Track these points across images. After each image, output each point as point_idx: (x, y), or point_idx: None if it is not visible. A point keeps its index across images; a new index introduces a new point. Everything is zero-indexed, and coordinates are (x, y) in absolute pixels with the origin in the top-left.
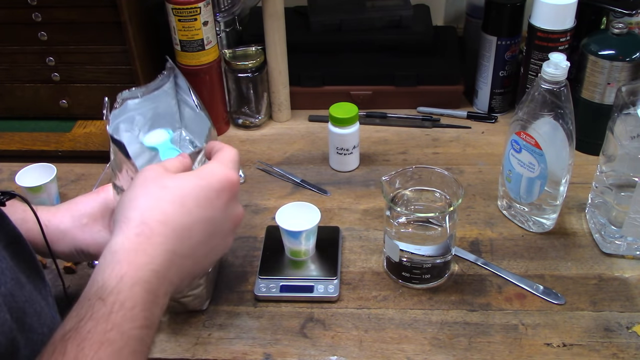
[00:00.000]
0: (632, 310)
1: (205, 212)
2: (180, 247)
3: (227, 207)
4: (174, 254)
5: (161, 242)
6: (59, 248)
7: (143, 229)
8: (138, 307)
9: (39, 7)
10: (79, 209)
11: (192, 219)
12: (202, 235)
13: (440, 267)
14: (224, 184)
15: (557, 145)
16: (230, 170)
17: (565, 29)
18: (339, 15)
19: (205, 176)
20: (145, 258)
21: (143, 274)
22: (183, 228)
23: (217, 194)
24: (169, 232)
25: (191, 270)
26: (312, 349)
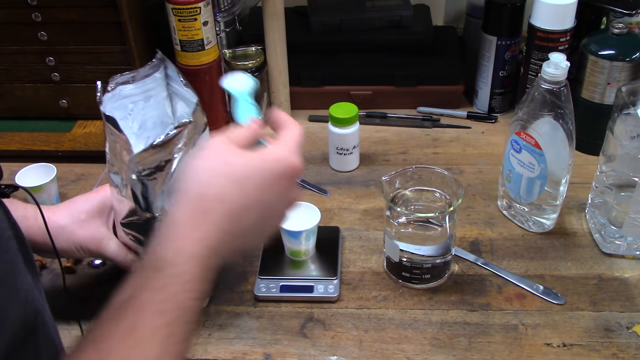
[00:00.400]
0: (632, 310)
1: (263, 196)
2: (234, 226)
3: (285, 191)
4: (227, 233)
5: (216, 220)
6: (58, 244)
7: (200, 205)
8: (192, 280)
9: (39, 7)
10: (77, 206)
11: (249, 201)
12: (256, 217)
13: (440, 267)
14: (287, 169)
15: (557, 145)
16: (294, 156)
17: (565, 29)
18: (339, 15)
19: (270, 160)
20: (200, 234)
21: (198, 249)
22: (240, 208)
23: (278, 180)
24: (225, 211)
25: (241, 248)
26: (312, 349)
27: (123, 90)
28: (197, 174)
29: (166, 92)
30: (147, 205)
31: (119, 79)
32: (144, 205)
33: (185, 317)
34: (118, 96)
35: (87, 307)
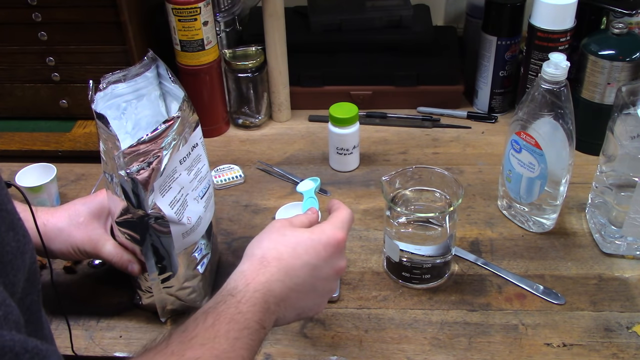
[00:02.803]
0: (632, 310)
1: (311, 259)
2: (288, 280)
3: (330, 258)
4: (283, 283)
5: (274, 272)
6: (56, 246)
7: (263, 261)
8: (257, 306)
9: (39, 7)
10: (76, 208)
11: (300, 262)
12: (306, 276)
13: (440, 267)
14: (331, 240)
15: (557, 145)
16: (339, 231)
17: (565, 29)
18: (339, 15)
19: (317, 232)
20: (263, 278)
21: (261, 287)
22: (292, 267)
23: (323, 247)
24: (281, 267)
25: (295, 303)
26: (312, 349)
27: (115, 90)
28: (261, 243)
29: (159, 91)
30: (138, 202)
31: (111, 77)
32: (135, 202)
33: (249, 330)
34: (110, 95)
35: (87, 307)
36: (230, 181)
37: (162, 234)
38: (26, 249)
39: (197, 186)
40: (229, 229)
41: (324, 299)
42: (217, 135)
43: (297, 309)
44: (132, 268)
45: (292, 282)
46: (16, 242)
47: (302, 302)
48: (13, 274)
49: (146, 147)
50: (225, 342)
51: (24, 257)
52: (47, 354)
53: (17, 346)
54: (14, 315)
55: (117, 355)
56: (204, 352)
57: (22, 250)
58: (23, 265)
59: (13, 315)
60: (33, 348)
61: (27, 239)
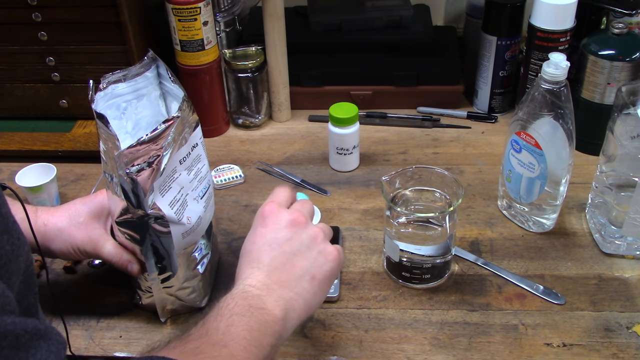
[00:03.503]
0: (632, 310)
1: (259, 227)
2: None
3: (272, 223)
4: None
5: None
6: (57, 246)
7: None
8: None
9: (39, 7)
10: (76, 208)
11: (256, 233)
12: (267, 243)
13: (440, 267)
14: (262, 211)
15: (557, 145)
16: (267, 203)
17: (565, 29)
18: (339, 15)
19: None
20: (245, 274)
21: (245, 280)
22: (256, 240)
23: (260, 218)
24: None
25: (292, 266)
26: (312, 349)
27: (115, 89)
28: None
29: (159, 91)
30: (138, 202)
31: (111, 77)
32: (135, 202)
33: (261, 328)
34: (110, 95)
35: (87, 307)
36: (230, 181)
37: (162, 234)
38: (21, 251)
39: (197, 186)
40: (229, 229)
41: (315, 255)
42: (217, 135)
43: (297, 278)
44: (132, 268)
45: (267, 256)
46: (11, 245)
47: (297, 262)
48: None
49: (146, 147)
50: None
51: (18, 260)
52: (46, 332)
53: (17, 328)
54: (11, 306)
55: (117, 355)
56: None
57: (16, 254)
58: (18, 268)
59: (10, 306)
60: (33, 328)
61: (22, 242)
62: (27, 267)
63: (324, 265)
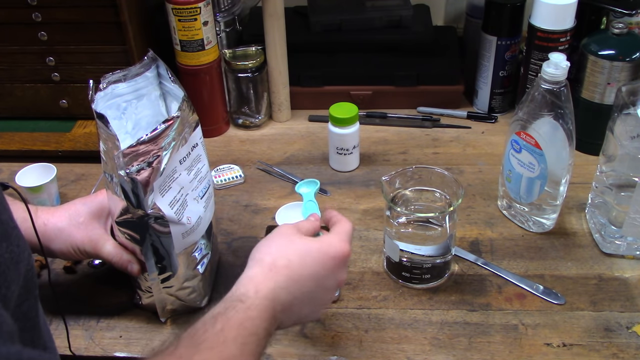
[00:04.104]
0: (632, 310)
1: (318, 270)
2: (294, 288)
3: (335, 270)
4: (290, 293)
5: (283, 280)
6: (57, 246)
7: (272, 268)
8: (265, 313)
9: (39, 7)
10: (76, 208)
11: (307, 271)
12: (311, 285)
13: (440, 267)
14: (338, 254)
15: (557, 145)
16: (345, 244)
17: (565, 29)
18: (339, 15)
19: (325, 244)
20: (272, 284)
21: (270, 294)
22: (300, 276)
23: (330, 260)
24: (289, 275)
25: (298, 310)
26: (312, 349)
27: (115, 89)
28: (269, 247)
29: (159, 91)
30: (138, 202)
31: (111, 77)
32: (135, 202)
33: (256, 338)
34: (110, 95)
35: (87, 307)
36: (230, 181)
37: (161, 234)
38: (21, 258)
39: (197, 186)
40: (229, 229)
41: (322, 307)
42: (217, 135)
43: (297, 316)
44: (132, 268)
45: (298, 290)
46: (9, 253)
47: (303, 310)
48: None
49: (146, 147)
50: (233, 347)
51: (18, 267)
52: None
53: (12, 358)
54: (7, 326)
55: (117, 355)
56: (212, 356)
57: (16, 260)
58: (17, 275)
59: (6, 326)
60: (28, 359)
61: (22, 248)
62: (28, 272)
63: (326, 304)
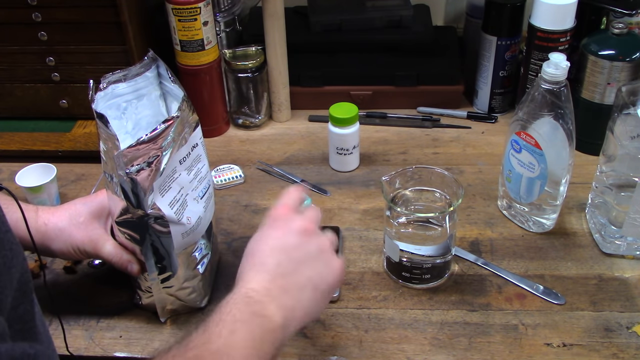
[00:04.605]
0: (632, 310)
1: (268, 231)
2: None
3: (281, 227)
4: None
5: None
6: (57, 246)
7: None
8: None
9: (39, 7)
10: (76, 208)
11: (264, 240)
12: (274, 243)
13: (440, 267)
14: (272, 215)
15: (557, 145)
16: (278, 207)
17: (565, 29)
18: (339, 15)
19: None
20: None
21: (247, 283)
22: (262, 251)
23: (270, 223)
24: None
25: (297, 276)
26: (312, 349)
27: (115, 89)
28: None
29: (159, 91)
30: (137, 202)
31: (111, 77)
32: (134, 202)
33: (263, 336)
34: (110, 95)
35: (87, 307)
36: (230, 181)
37: (161, 234)
38: (14, 263)
39: (197, 186)
40: (229, 229)
41: (321, 266)
42: (217, 135)
43: (300, 286)
44: (132, 268)
45: (273, 261)
46: (2, 257)
47: (303, 271)
48: None
49: (145, 147)
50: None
51: (10, 272)
52: (36, 357)
53: (3, 356)
54: (0, 328)
55: (117, 355)
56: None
57: (8, 266)
58: (10, 280)
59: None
60: (21, 354)
61: (15, 252)
62: (22, 276)
63: (327, 277)
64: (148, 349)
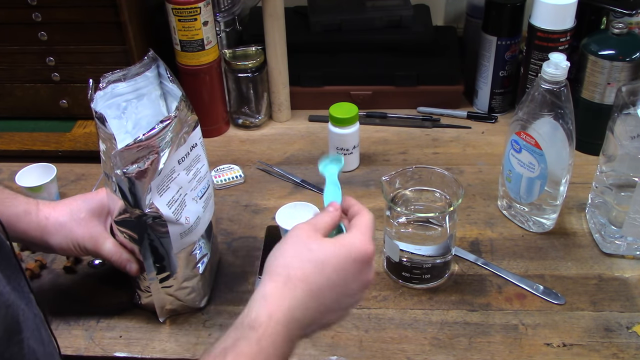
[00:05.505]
0: (632, 310)
1: (339, 277)
2: (315, 302)
3: (359, 273)
4: (310, 308)
5: (300, 296)
6: (57, 241)
7: (288, 283)
8: (279, 337)
9: (39, 7)
10: (77, 204)
11: (327, 282)
12: (333, 294)
13: (440, 267)
14: (362, 255)
15: (557, 145)
16: (368, 243)
17: (565, 29)
18: (339, 15)
19: (346, 246)
20: (287, 303)
21: (284, 317)
22: (319, 288)
23: (353, 263)
24: (307, 289)
25: (320, 321)
26: (312, 349)
27: (115, 89)
28: (284, 257)
29: (160, 91)
30: (135, 202)
31: (110, 77)
32: (132, 202)
33: None
34: (110, 94)
35: (87, 307)
36: (230, 181)
37: (160, 233)
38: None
39: (196, 186)
40: (229, 229)
41: (348, 311)
42: (217, 135)
43: (319, 325)
44: (131, 267)
45: (318, 303)
46: None
47: (326, 319)
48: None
49: (143, 146)
50: None
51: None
52: None
53: None
54: None
55: (117, 355)
56: None
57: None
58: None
59: None
60: None
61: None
62: (6, 316)
63: (352, 307)
64: (148, 349)
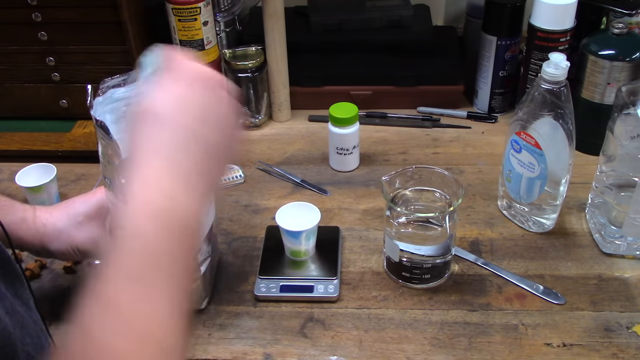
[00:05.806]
0: (632, 310)
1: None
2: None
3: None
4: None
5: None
6: (56, 247)
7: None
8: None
9: (39, 7)
10: (75, 207)
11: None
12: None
13: (440, 267)
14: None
15: (557, 145)
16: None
17: (565, 29)
18: (339, 15)
19: None
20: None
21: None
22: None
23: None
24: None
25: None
26: (312, 349)
27: (115, 94)
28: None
29: None
30: None
31: (110, 82)
32: None
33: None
34: (109, 99)
35: None
36: (230, 181)
37: None
38: None
39: None
40: (229, 229)
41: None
42: None
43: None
44: None
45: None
46: None
47: (208, 133)
48: None
49: None
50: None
51: None
52: None
53: None
54: None
55: None
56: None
57: None
58: None
59: None
60: None
61: None
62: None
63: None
64: None
